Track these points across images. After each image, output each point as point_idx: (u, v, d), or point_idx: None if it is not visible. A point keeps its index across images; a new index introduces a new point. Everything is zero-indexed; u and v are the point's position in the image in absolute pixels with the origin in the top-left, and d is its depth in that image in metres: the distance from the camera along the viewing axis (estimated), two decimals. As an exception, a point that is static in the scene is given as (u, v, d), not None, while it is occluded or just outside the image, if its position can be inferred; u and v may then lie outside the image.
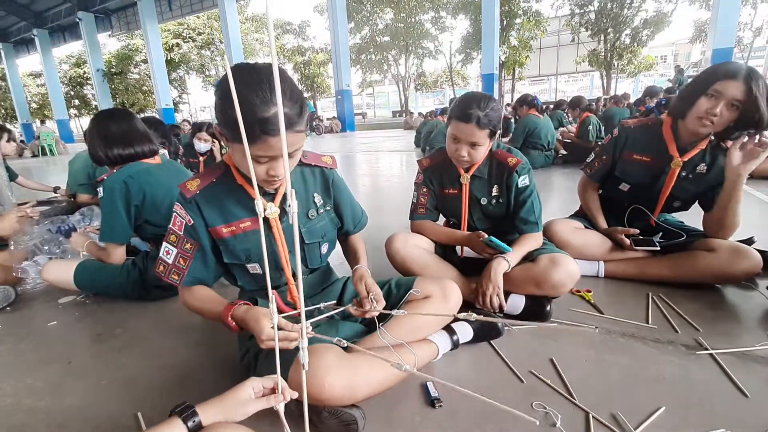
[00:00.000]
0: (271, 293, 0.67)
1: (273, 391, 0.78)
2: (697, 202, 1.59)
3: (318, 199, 1.13)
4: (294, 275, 1.07)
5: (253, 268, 1.09)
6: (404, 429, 0.94)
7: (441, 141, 5.23)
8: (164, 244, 1.04)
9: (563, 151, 4.83)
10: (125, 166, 1.64)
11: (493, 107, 1.33)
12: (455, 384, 1.09)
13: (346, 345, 0.86)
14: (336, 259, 1.22)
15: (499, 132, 1.40)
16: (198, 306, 1.04)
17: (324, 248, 1.18)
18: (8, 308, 1.72)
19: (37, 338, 1.48)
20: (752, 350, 1.15)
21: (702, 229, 1.58)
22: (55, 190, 3.63)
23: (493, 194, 1.50)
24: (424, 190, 1.60)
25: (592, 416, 0.94)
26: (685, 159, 1.50)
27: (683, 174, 1.53)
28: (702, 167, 1.51)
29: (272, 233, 1.02)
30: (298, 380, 0.87)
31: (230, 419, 0.72)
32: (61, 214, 2.55)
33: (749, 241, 1.65)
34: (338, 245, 1.28)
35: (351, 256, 1.25)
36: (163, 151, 3.15)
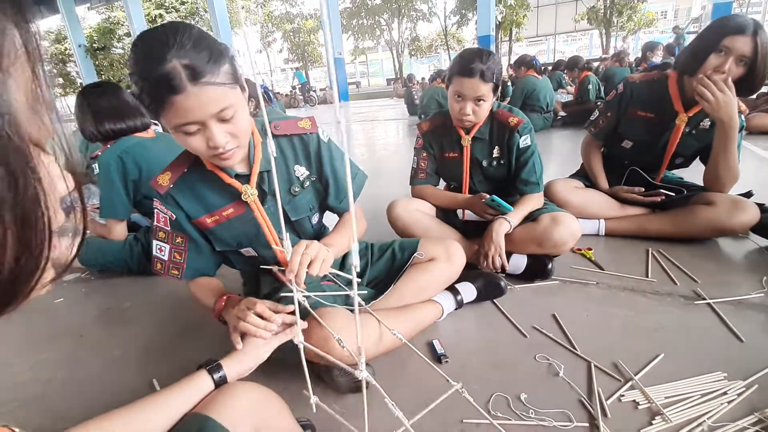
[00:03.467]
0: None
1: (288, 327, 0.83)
2: (698, 158, 1.59)
3: (300, 172, 1.02)
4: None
5: (247, 251, 1.05)
6: (413, 384, 0.97)
7: (433, 107, 5.11)
8: (154, 242, 1.00)
9: (562, 113, 4.76)
10: (118, 141, 1.61)
11: (495, 60, 1.30)
12: (462, 342, 1.12)
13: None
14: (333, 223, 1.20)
15: (498, 91, 1.37)
16: (198, 297, 1.02)
17: (314, 219, 1.12)
18: (15, 287, 1.73)
19: (46, 315, 1.50)
20: (747, 298, 1.18)
21: (702, 184, 1.59)
22: (49, 170, 3.58)
23: (494, 156, 1.49)
24: (424, 154, 1.59)
25: (594, 365, 0.97)
26: (690, 115, 1.48)
27: (687, 130, 1.51)
28: (706, 122, 1.49)
29: (255, 217, 0.97)
30: (307, 338, 0.89)
31: (257, 361, 0.77)
32: (58, 193, 2.52)
33: (748, 195, 1.65)
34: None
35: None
36: (156, 126, 3.09)
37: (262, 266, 1.05)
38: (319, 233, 1.18)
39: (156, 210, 0.98)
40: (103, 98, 1.60)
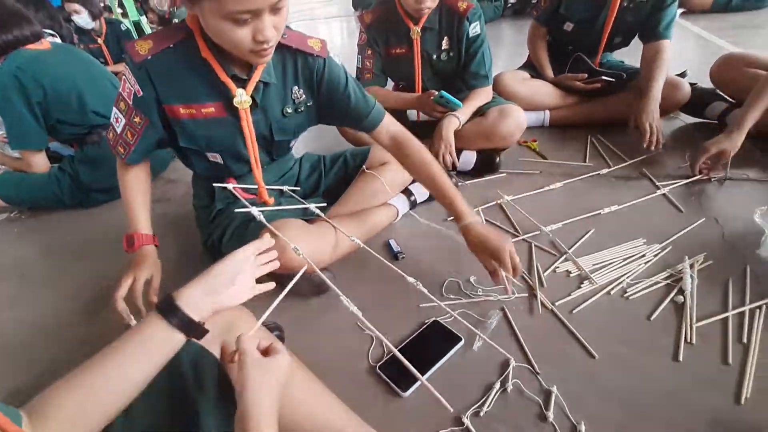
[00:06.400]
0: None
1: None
2: (637, 36, 1.59)
3: (297, 95, 0.94)
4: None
5: (214, 156, 0.98)
6: (372, 281, 1.03)
7: None
8: (114, 109, 0.90)
9: (512, 1, 4.50)
10: (8, 56, 1.36)
11: None
12: (417, 238, 1.17)
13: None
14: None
15: None
16: (123, 196, 0.95)
17: (293, 142, 1.07)
18: (-67, 234, 1.57)
19: (-22, 259, 1.40)
20: (671, 173, 1.30)
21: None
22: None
23: (443, 48, 1.41)
24: (369, 52, 1.47)
25: (534, 245, 1.07)
26: None
27: (624, 4, 1.48)
28: None
29: (239, 125, 0.89)
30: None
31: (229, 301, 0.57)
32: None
33: (682, 75, 1.72)
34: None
35: (425, 178, 0.98)
36: (55, 39, 2.62)
37: (216, 184, 1.00)
38: (286, 159, 1.13)
39: (124, 77, 0.86)
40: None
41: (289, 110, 0.95)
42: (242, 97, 0.85)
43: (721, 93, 1.56)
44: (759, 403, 0.69)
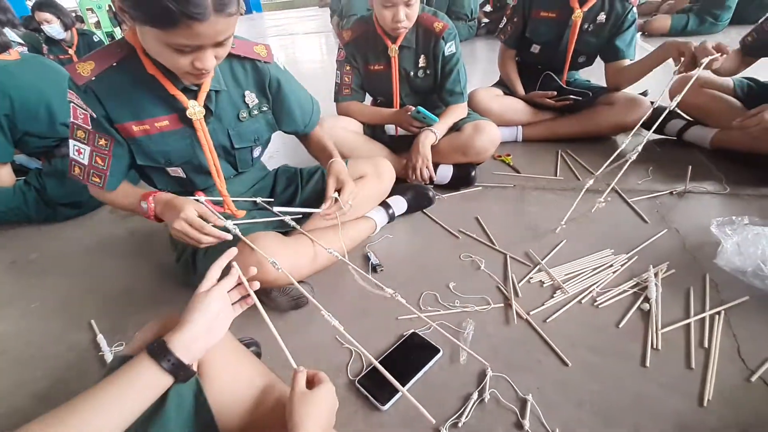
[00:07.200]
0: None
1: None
2: (599, 56, 1.68)
3: (251, 99, 0.97)
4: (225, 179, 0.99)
5: (175, 171, 0.98)
6: (350, 293, 1.04)
7: (361, 8, 4.65)
8: (71, 141, 0.87)
9: (485, 20, 4.67)
10: (-28, 66, 1.32)
11: None
12: (395, 250, 1.18)
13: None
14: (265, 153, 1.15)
15: None
16: (120, 201, 0.94)
17: (256, 152, 1.08)
18: None
19: (-65, 277, 1.32)
20: (636, 186, 1.36)
21: (605, 84, 1.70)
22: None
23: (421, 65, 1.45)
24: (348, 68, 1.50)
25: (509, 256, 1.10)
26: (585, 9, 1.53)
27: (585, 27, 1.57)
28: (601, 17, 1.55)
29: (196, 136, 0.90)
30: (241, 264, 0.88)
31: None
32: None
33: (643, 94, 1.83)
34: (272, 145, 1.18)
35: (320, 152, 1.13)
36: (22, 49, 2.55)
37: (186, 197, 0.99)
38: (255, 168, 1.14)
39: (71, 104, 0.84)
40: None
41: (245, 115, 0.98)
42: (195, 108, 0.86)
43: (679, 111, 1.66)
44: (720, 405, 0.72)
